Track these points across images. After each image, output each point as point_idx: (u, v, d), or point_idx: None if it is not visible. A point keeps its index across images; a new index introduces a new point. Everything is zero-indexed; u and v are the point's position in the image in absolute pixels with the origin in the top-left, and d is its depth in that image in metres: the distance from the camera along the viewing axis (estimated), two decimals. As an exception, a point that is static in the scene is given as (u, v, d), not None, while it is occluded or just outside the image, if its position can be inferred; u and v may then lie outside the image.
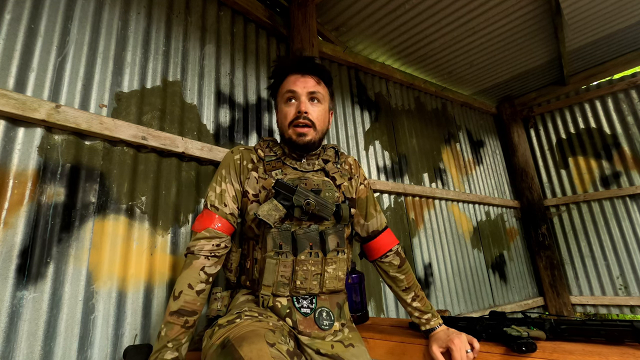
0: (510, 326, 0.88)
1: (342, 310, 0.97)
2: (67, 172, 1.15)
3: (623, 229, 3.04)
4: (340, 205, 0.96)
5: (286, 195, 0.89)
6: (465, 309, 2.61)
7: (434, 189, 2.73)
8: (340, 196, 1.00)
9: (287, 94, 0.98)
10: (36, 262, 1.03)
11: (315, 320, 0.89)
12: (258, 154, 1.01)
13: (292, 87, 0.97)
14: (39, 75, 1.15)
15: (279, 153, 1.02)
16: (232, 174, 0.97)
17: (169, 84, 1.51)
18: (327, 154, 1.07)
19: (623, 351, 0.73)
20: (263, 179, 0.96)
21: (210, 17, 1.76)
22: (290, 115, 0.97)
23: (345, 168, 1.08)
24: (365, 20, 2.33)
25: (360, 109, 2.48)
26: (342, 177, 1.04)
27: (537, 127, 3.69)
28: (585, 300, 3.15)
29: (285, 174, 0.97)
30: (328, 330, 0.89)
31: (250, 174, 0.97)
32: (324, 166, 1.03)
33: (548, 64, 3.07)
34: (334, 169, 1.04)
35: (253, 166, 0.99)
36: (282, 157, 1.01)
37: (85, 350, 1.07)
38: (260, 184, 0.96)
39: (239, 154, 1.00)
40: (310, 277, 0.90)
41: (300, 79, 0.98)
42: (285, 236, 0.90)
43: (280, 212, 0.88)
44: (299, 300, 0.91)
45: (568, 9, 2.34)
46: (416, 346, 0.99)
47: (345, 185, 1.03)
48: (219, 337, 0.76)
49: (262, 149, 1.03)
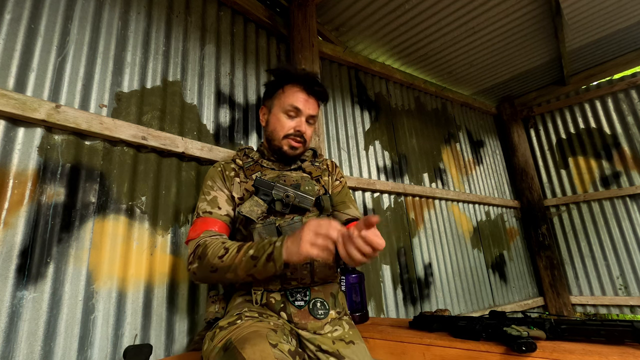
0: (510, 326, 0.88)
1: (336, 299, 0.98)
2: (67, 172, 1.15)
3: (623, 229, 3.04)
4: (321, 196, 1.01)
5: (265, 191, 0.94)
6: (465, 308, 2.61)
7: (434, 189, 2.73)
8: (321, 189, 1.06)
9: (292, 108, 1.02)
10: (36, 262, 1.03)
11: (309, 311, 0.90)
12: (237, 162, 1.07)
13: (298, 104, 1.02)
14: (39, 75, 1.15)
15: (255, 157, 1.08)
16: (219, 182, 1.02)
17: (169, 84, 1.51)
18: (305, 155, 1.14)
19: (623, 351, 0.73)
20: (245, 182, 1.02)
21: (210, 17, 1.76)
22: (288, 129, 1.02)
23: (323, 167, 1.15)
24: (365, 20, 2.33)
25: (360, 109, 2.48)
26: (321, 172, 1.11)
27: (537, 127, 3.69)
28: (585, 300, 3.15)
29: (264, 175, 1.03)
30: (324, 319, 0.90)
31: (234, 180, 1.02)
32: (300, 165, 1.10)
33: (548, 64, 3.07)
34: (311, 167, 1.11)
35: (235, 173, 1.04)
36: (259, 161, 1.07)
37: (85, 350, 1.07)
38: (243, 187, 1.01)
39: (220, 166, 1.06)
40: (300, 267, 0.92)
41: (307, 100, 1.03)
42: (270, 230, 0.92)
43: (262, 206, 0.92)
44: (293, 294, 0.91)
45: (568, 9, 2.34)
46: (416, 346, 0.99)
47: (325, 179, 1.10)
48: (221, 340, 0.76)
49: (240, 157, 1.09)
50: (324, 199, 1.01)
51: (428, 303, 2.38)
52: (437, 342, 0.96)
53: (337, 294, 1.00)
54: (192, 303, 1.35)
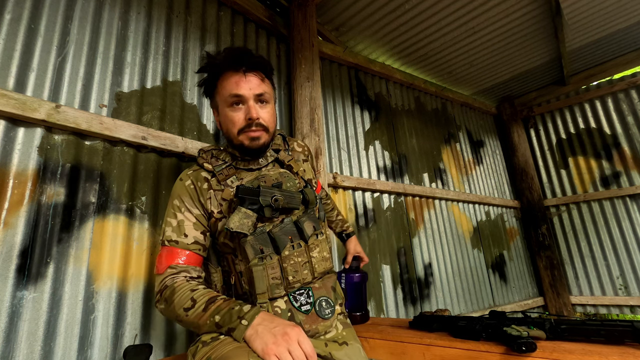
0: (510, 326, 0.88)
1: (336, 291, 0.96)
2: (67, 172, 1.15)
3: (623, 229, 3.04)
4: (304, 190, 0.94)
5: (252, 199, 0.85)
6: (465, 308, 2.61)
7: (434, 189, 2.73)
8: (300, 181, 0.99)
9: (232, 99, 0.89)
10: (36, 262, 1.03)
11: (317, 313, 0.87)
12: (205, 167, 0.95)
13: (237, 90, 0.88)
14: (39, 75, 1.15)
15: (227, 160, 0.96)
16: (187, 201, 0.91)
17: (169, 84, 1.51)
18: (275, 143, 1.02)
19: (623, 351, 0.73)
20: (220, 190, 0.91)
21: (210, 17, 1.76)
22: (239, 122, 0.90)
23: (298, 151, 1.08)
24: (365, 20, 2.33)
25: (360, 109, 2.48)
26: (297, 163, 1.02)
27: (537, 127, 3.69)
28: (585, 300, 3.15)
29: (241, 179, 0.93)
30: (332, 317, 0.89)
31: (209, 193, 0.91)
32: (276, 156, 1.00)
33: (548, 64, 3.07)
34: (287, 157, 1.01)
35: (208, 184, 0.93)
36: (232, 163, 0.96)
37: (85, 350, 1.07)
38: (219, 197, 0.91)
39: (188, 179, 0.94)
40: (300, 269, 0.88)
41: (243, 79, 0.89)
42: (263, 239, 0.87)
43: (251, 217, 0.84)
44: (296, 298, 0.88)
45: (568, 9, 2.34)
46: (416, 346, 0.99)
47: (301, 169, 1.02)
48: (202, 356, 0.74)
49: (208, 161, 0.96)
50: (308, 193, 0.94)
51: (428, 303, 2.38)
52: (437, 342, 0.96)
53: (335, 285, 0.98)
54: (192, 303, 1.35)
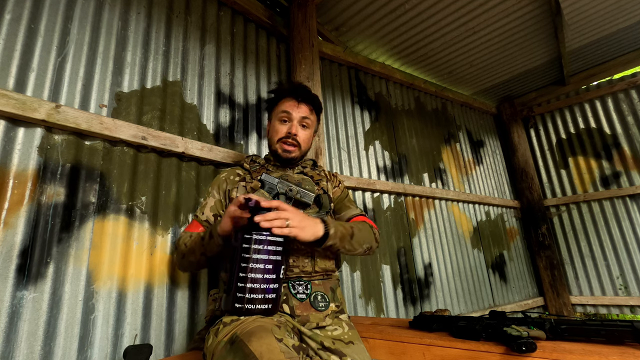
0: (510, 326, 0.88)
1: (335, 293, 1.03)
2: (67, 172, 1.15)
3: (623, 229, 3.04)
4: (321, 195, 1.10)
5: (270, 184, 1.03)
6: (465, 309, 2.61)
7: (434, 189, 2.73)
8: (320, 190, 1.15)
9: (282, 114, 1.13)
10: (36, 262, 1.03)
11: (311, 304, 0.95)
12: (244, 167, 1.17)
13: (288, 109, 1.12)
14: (39, 75, 1.15)
15: (262, 162, 1.18)
16: (215, 189, 1.13)
17: (169, 84, 1.51)
18: (305, 162, 1.24)
19: (623, 351, 0.73)
20: (250, 183, 1.11)
21: (210, 17, 1.76)
22: (281, 133, 1.12)
23: (323, 175, 1.23)
24: (365, 20, 2.33)
25: (360, 109, 2.48)
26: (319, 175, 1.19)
27: (537, 127, 3.69)
28: (585, 300, 3.15)
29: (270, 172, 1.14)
30: (325, 311, 0.95)
31: (238, 184, 1.11)
32: (302, 170, 1.20)
33: (548, 64, 3.07)
34: (312, 172, 1.20)
35: (240, 177, 1.14)
36: (265, 165, 1.17)
37: (85, 350, 1.07)
38: (249, 187, 1.09)
39: (225, 172, 1.16)
40: (302, 256, 0.99)
41: (296, 105, 1.13)
42: None
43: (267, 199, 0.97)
44: (295, 286, 0.96)
45: (568, 9, 2.34)
46: (416, 346, 0.99)
47: (323, 183, 1.18)
48: (226, 334, 0.78)
49: (247, 163, 1.18)
50: (323, 197, 1.10)
51: (428, 303, 2.38)
52: (437, 342, 0.96)
53: (335, 289, 1.05)
54: (192, 303, 1.35)
